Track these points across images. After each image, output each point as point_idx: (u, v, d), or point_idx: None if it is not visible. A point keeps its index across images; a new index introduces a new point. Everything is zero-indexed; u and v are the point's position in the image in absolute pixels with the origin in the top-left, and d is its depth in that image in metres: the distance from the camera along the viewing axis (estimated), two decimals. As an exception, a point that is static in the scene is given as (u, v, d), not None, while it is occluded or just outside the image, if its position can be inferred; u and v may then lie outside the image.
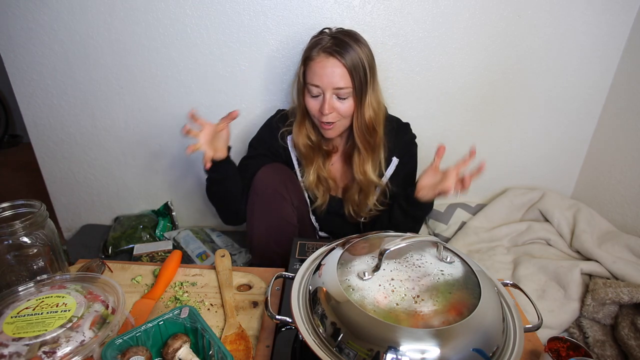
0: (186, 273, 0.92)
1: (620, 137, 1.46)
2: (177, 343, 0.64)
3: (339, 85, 1.01)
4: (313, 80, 1.02)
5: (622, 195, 1.45)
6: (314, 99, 1.05)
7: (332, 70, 1.00)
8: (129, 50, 1.34)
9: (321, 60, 1.01)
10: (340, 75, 1.00)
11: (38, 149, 1.50)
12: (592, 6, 1.34)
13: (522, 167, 1.63)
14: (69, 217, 1.65)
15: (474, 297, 0.55)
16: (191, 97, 1.42)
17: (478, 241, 1.49)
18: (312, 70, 1.03)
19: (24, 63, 1.35)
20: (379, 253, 0.58)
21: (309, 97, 1.06)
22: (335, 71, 1.00)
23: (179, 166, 1.55)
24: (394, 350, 0.49)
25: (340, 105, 1.04)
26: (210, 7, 1.29)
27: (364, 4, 1.30)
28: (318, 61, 1.01)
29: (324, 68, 1.00)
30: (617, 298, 1.10)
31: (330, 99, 1.02)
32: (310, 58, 1.03)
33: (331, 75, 1.00)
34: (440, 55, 1.39)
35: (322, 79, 1.01)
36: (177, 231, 1.53)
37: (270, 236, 1.11)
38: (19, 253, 0.76)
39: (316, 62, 1.02)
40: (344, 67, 1.00)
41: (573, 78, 1.46)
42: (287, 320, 0.59)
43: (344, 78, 1.01)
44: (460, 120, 1.51)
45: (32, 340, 0.59)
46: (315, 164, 1.16)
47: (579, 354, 0.67)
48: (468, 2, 1.31)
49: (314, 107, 1.05)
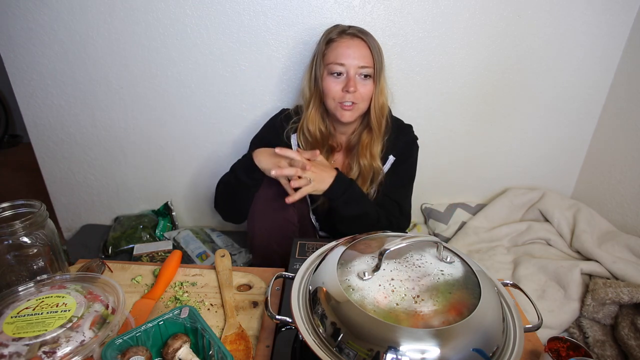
0: (186, 273, 0.92)
1: (620, 137, 1.46)
2: (177, 343, 0.64)
3: (364, 64, 1.04)
4: (338, 59, 1.05)
5: (622, 195, 1.45)
6: (335, 80, 1.06)
7: (357, 50, 1.05)
8: (129, 50, 1.34)
9: (346, 40, 1.06)
10: (365, 55, 1.05)
11: (38, 149, 1.50)
12: (592, 6, 1.34)
13: (522, 167, 1.63)
14: (69, 217, 1.65)
15: (474, 297, 0.55)
16: (191, 97, 1.42)
17: (478, 241, 1.49)
18: (336, 51, 1.06)
19: (24, 63, 1.35)
20: (379, 253, 0.58)
21: (330, 79, 1.07)
22: (360, 51, 1.05)
23: (179, 166, 1.55)
24: (394, 350, 0.49)
25: (363, 86, 1.06)
26: (210, 7, 1.29)
27: (364, 4, 1.30)
28: (342, 41, 1.06)
29: (349, 47, 1.05)
30: (617, 298, 1.10)
31: (354, 77, 1.05)
32: (332, 40, 1.07)
33: (357, 53, 1.04)
34: (440, 55, 1.39)
35: (348, 57, 1.04)
36: (177, 231, 1.53)
37: (271, 236, 1.11)
38: (19, 253, 0.76)
39: (341, 42, 1.06)
40: (368, 48, 1.06)
41: (573, 78, 1.46)
42: (287, 320, 0.59)
43: (368, 58, 1.05)
44: (460, 120, 1.51)
45: (32, 340, 0.59)
46: None
47: (579, 354, 0.67)
48: (468, 2, 1.31)
49: (335, 88, 1.06)
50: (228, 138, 1.49)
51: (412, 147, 1.18)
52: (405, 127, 1.19)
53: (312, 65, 1.13)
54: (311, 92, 1.13)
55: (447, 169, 1.61)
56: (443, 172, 1.61)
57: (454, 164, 1.60)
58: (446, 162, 1.59)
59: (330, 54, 1.06)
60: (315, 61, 1.11)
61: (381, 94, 1.09)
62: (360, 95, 1.06)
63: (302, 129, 1.15)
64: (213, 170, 1.53)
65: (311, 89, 1.13)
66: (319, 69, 1.09)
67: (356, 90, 1.05)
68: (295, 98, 1.40)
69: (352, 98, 1.05)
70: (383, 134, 1.13)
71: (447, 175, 1.63)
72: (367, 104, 1.09)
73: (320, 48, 1.10)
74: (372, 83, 1.07)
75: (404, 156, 1.16)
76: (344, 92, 1.05)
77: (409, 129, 1.19)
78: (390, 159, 1.16)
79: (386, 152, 1.15)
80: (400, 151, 1.16)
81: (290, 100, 1.42)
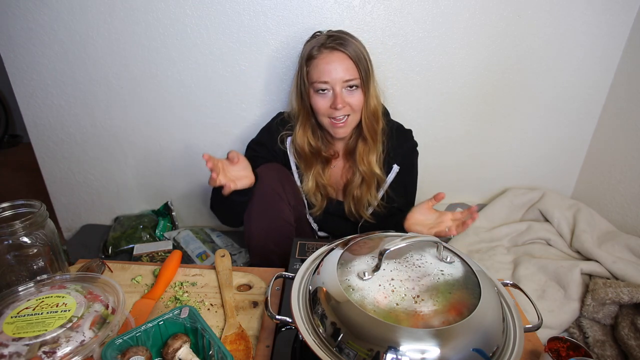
0: (186, 273, 0.92)
1: (620, 137, 1.46)
2: (177, 343, 0.64)
3: (348, 77, 1.01)
4: (321, 78, 1.02)
5: (622, 195, 1.45)
6: (322, 98, 1.04)
7: (339, 64, 1.01)
8: (129, 50, 1.34)
9: (325, 56, 1.02)
10: (347, 67, 1.01)
11: (38, 149, 1.50)
12: (592, 6, 1.34)
13: (522, 167, 1.63)
14: (69, 217, 1.65)
15: (474, 297, 0.55)
16: (191, 97, 1.42)
17: (478, 241, 1.49)
18: (317, 69, 1.02)
19: (24, 63, 1.35)
20: (379, 253, 0.58)
21: (316, 97, 1.05)
22: (342, 64, 1.01)
23: (179, 166, 1.55)
24: (394, 350, 0.49)
25: (351, 97, 1.04)
26: (210, 7, 1.29)
27: (364, 4, 1.30)
28: (322, 58, 1.02)
29: (330, 63, 1.01)
30: (617, 298, 1.10)
31: (340, 92, 1.02)
32: (312, 57, 1.03)
33: (339, 67, 1.01)
34: (440, 55, 1.39)
35: (330, 74, 1.01)
36: (177, 231, 1.53)
37: (268, 236, 1.10)
38: (19, 253, 0.76)
39: (320, 59, 1.02)
40: (349, 59, 1.01)
41: (573, 78, 1.46)
42: (287, 320, 0.59)
43: (351, 69, 1.02)
44: (460, 120, 1.51)
45: (32, 340, 0.59)
46: (314, 169, 1.16)
47: (579, 354, 0.67)
48: (468, 2, 1.31)
49: (323, 105, 1.05)
50: (228, 138, 1.49)
51: (413, 154, 1.18)
52: (405, 132, 1.19)
53: (296, 81, 1.10)
54: (299, 108, 1.12)
55: (447, 169, 1.61)
56: (443, 172, 1.61)
57: (454, 164, 1.60)
58: (446, 162, 1.59)
59: (313, 73, 1.04)
60: (299, 78, 1.08)
61: (372, 98, 1.07)
62: (350, 107, 1.05)
63: (293, 141, 1.15)
64: (213, 170, 1.53)
65: (299, 105, 1.12)
66: (303, 87, 1.07)
67: (344, 105, 1.03)
68: (295, 98, 1.40)
69: (343, 112, 1.04)
70: (380, 137, 1.12)
71: (447, 175, 1.63)
72: (359, 115, 1.08)
73: (301, 64, 1.07)
74: (360, 92, 1.05)
75: (407, 164, 1.16)
76: (332, 109, 1.04)
77: (409, 135, 1.19)
78: (394, 168, 1.15)
79: (390, 161, 1.14)
80: (404, 159, 1.16)
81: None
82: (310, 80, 1.05)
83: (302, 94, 1.09)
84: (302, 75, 1.07)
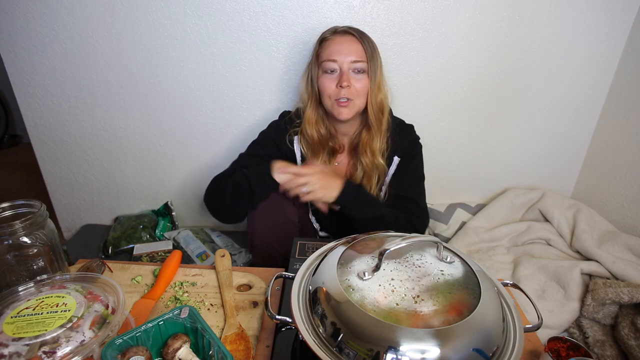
0: (186, 273, 0.92)
1: (620, 137, 1.46)
2: (177, 343, 0.64)
3: (355, 58, 1.05)
4: (330, 56, 1.06)
5: (622, 195, 1.45)
6: (329, 77, 1.07)
7: (349, 45, 1.06)
8: (129, 50, 1.34)
9: (337, 37, 1.08)
10: (356, 49, 1.06)
11: (38, 149, 1.50)
12: (592, 6, 1.34)
13: (522, 167, 1.63)
14: (69, 217, 1.65)
15: (474, 297, 0.55)
16: (191, 97, 1.42)
17: (478, 241, 1.49)
18: (328, 48, 1.07)
19: (24, 63, 1.35)
20: (379, 253, 0.58)
21: (324, 77, 1.08)
22: (352, 46, 1.06)
23: (179, 166, 1.55)
24: (394, 350, 0.49)
25: (357, 81, 1.06)
26: (210, 7, 1.29)
27: (364, 4, 1.30)
28: (334, 39, 1.08)
29: (341, 44, 1.06)
30: (617, 298, 1.10)
31: (347, 72, 1.05)
32: (326, 39, 1.09)
33: (349, 49, 1.06)
34: (440, 55, 1.39)
35: (340, 54, 1.05)
36: (177, 231, 1.53)
37: (271, 235, 1.11)
38: (19, 253, 0.76)
39: (333, 40, 1.08)
40: (360, 44, 1.07)
41: (573, 78, 1.46)
42: (287, 320, 0.59)
43: (360, 52, 1.06)
44: (460, 120, 1.51)
45: (32, 340, 0.59)
46: (320, 159, 1.16)
47: (579, 354, 0.67)
48: (468, 2, 1.31)
49: (329, 85, 1.07)
50: (228, 138, 1.49)
51: (415, 146, 1.18)
52: (407, 126, 1.19)
53: (308, 67, 1.15)
54: (308, 93, 1.14)
55: (447, 169, 1.61)
56: (443, 172, 1.61)
57: (454, 163, 1.60)
58: (446, 162, 1.60)
59: (323, 53, 1.08)
60: (311, 63, 1.12)
61: (379, 90, 1.09)
62: (355, 90, 1.06)
63: (302, 133, 1.16)
64: (213, 170, 1.52)
65: (308, 91, 1.14)
66: (314, 70, 1.11)
67: (350, 85, 1.05)
68: (295, 98, 1.40)
69: (347, 94, 1.06)
70: (384, 131, 1.13)
71: (447, 175, 1.63)
72: (363, 100, 1.09)
73: (314, 49, 1.12)
74: (366, 78, 1.07)
75: (408, 155, 1.16)
76: (338, 88, 1.06)
77: (410, 129, 1.19)
78: (395, 160, 1.16)
79: (390, 153, 1.15)
80: (404, 151, 1.16)
81: (290, 101, 1.42)
82: (320, 60, 1.09)
83: (312, 78, 1.12)
84: (313, 59, 1.11)
